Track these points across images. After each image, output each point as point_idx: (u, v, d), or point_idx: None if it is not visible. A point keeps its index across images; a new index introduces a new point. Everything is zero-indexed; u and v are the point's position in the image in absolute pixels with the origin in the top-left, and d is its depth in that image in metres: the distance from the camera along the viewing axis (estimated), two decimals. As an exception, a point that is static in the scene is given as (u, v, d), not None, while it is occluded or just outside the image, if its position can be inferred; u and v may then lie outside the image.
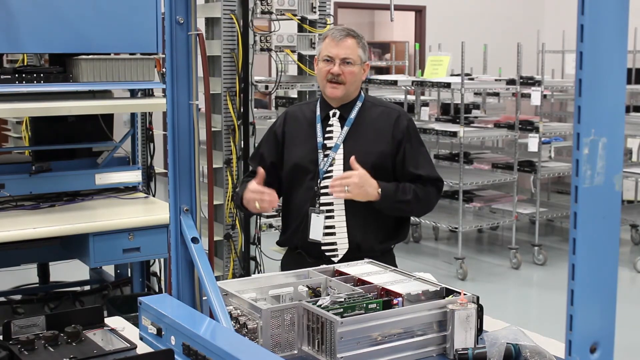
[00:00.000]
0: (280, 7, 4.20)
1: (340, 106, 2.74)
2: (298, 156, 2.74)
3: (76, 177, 3.90)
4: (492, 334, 1.78)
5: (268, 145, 2.82)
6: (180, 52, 1.87)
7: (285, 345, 1.81)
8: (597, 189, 1.04)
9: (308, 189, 2.70)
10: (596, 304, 1.07)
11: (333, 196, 2.64)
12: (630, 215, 7.36)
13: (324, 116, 2.75)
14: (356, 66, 2.68)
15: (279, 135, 2.80)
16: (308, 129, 2.76)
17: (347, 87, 2.68)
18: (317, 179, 2.69)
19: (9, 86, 3.46)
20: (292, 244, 2.79)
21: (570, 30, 9.10)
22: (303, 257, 2.70)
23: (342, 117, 2.73)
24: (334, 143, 2.70)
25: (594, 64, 1.02)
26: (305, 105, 2.90)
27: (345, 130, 2.71)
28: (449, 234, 7.60)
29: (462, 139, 6.26)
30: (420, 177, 2.68)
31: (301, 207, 2.71)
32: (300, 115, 2.82)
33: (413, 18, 10.82)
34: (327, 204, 2.67)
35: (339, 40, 2.66)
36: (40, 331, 1.86)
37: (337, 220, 2.67)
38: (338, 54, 2.65)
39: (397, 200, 2.62)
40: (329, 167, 2.68)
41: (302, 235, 2.70)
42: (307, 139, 2.74)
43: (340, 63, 2.65)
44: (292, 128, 2.80)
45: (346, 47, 2.66)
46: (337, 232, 2.67)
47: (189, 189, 1.92)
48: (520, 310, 5.71)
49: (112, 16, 3.64)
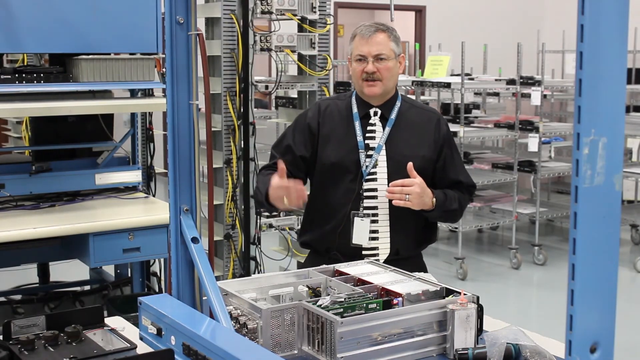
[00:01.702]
0: (280, 7, 4.20)
1: (380, 105, 2.66)
2: (337, 155, 2.63)
3: (76, 177, 3.90)
4: (492, 334, 1.78)
5: (300, 138, 2.67)
6: (180, 52, 1.87)
7: (285, 345, 1.81)
8: (597, 189, 1.04)
9: (348, 191, 2.61)
10: (596, 304, 1.07)
11: (377, 200, 2.58)
12: (630, 215, 7.36)
13: (362, 114, 2.65)
14: (391, 61, 2.60)
15: (314, 129, 2.66)
16: (345, 126, 2.65)
17: (384, 83, 2.60)
18: (359, 180, 2.61)
19: (9, 86, 3.46)
20: (323, 246, 2.69)
21: (570, 30, 9.10)
22: (339, 260, 2.51)
23: (382, 116, 2.65)
24: (376, 144, 2.62)
25: (594, 64, 1.02)
26: (338, 100, 2.76)
27: (387, 131, 2.63)
28: (449, 234, 7.60)
29: (462, 139, 6.26)
30: (460, 182, 2.66)
31: (339, 209, 2.62)
32: (335, 110, 2.69)
33: (413, 18, 10.82)
34: (371, 208, 2.60)
35: (368, 37, 2.58)
36: (40, 331, 1.85)
37: (381, 224, 2.61)
38: (370, 52, 2.57)
39: (445, 209, 2.59)
40: (372, 169, 2.60)
41: (340, 238, 2.61)
42: (345, 137, 2.64)
43: (374, 60, 2.57)
44: (329, 123, 2.67)
45: (377, 42, 2.58)
46: (380, 237, 2.61)
47: (189, 189, 1.92)
48: (520, 310, 5.71)
49: (112, 16, 3.63)
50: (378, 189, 2.60)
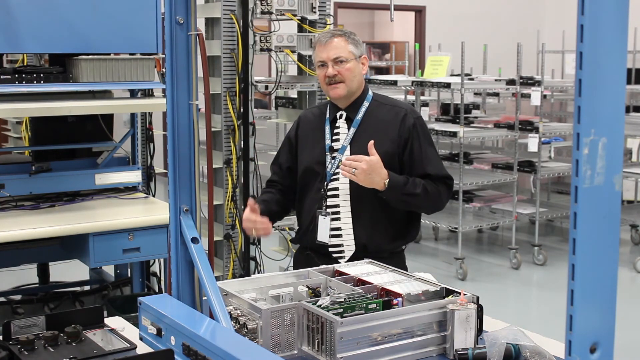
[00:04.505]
0: (280, 7, 4.19)
1: (347, 107, 2.74)
2: (308, 159, 2.77)
3: (76, 177, 3.90)
4: (492, 334, 1.78)
5: (284, 151, 2.87)
6: (180, 52, 1.87)
7: (285, 345, 1.81)
8: (597, 189, 1.04)
9: (317, 191, 2.73)
10: (596, 304, 1.07)
11: (339, 198, 2.67)
12: (630, 215, 7.36)
13: (332, 118, 2.77)
14: (351, 62, 2.68)
15: (292, 140, 2.85)
16: (318, 131, 2.78)
17: (347, 84, 2.68)
18: (324, 181, 2.71)
19: (9, 86, 3.46)
20: (303, 244, 2.84)
21: (570, 30, 9.09)
22: (312, 257, 2.72)
23: (348, 118, 2.74)
24: (340, 145, 2.71)
25: (594, 64, 1.02)
26: (316, 108, 2.94)
27: (352, 132, 2.71)
28: (449, 234, 7.60)
29: (462, 139, 6.26)
30: (428, 175, 2.68)
31: (310, 209, 2.74)
32: (311, 118, 2.85)
33: (413, 18, 10.82)
34: (334, 206, 2.69)
35: (325, 43, 2.69)
36: (40, 331, 1.86)
37: (343, 222, 2.68)
38: (328, 56, 2.67)
39: (405, 192, 2.60)
40: (336, 169, 2.68)
41: (311, 236, 2.73)
42: (317, 142, 2.77)
43: (333, 64, 2.67)
44: (304, 131, 2.84)
45: (334, 47, 2.68)
46: (343, 234, 2.69)
47: (189, 189, 1.92)
48: (520, 310, 5.71)
49: (112, 16, 3.63)
50: (339, 188, 2.69)
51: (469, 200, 6.78)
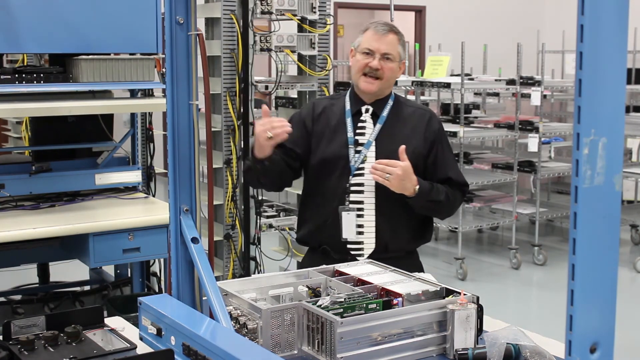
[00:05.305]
0: (280, 7, 4.19)
1: (372, 102, 2.69)
2: (327, 151, 2.66)
3: (76, 177, 3.90)
4: (492, 334, 1.78)
5: (295, 132, 2.59)
6: (180, 52, 1.87)
7: (285, 346, 1.81)
8: (597, 189, 1.04)
9: (337, 186, 2.64)
10: (596, 304, 1.07)
11: (364, 194, 2.61)
12: (630, 215, 7.36)
13: (354, 111, 2.69)
14: (395, 63, 2.64)
15: (308, 126, 2.70)
16: (337, 123, 2.69)
17: (382, 83, 2.64)
18: (347, 175, 2.63)
19: (9, 86, 3.46)
20: (315, 241, 2.73)
21: (570, 30, 9.09)
22: (327, 253, 2.64)
23: (374, 113, 2.68)
24: (366, 140, 2.65)
25: (594, 64, 1.02)
26: (332, 99, 2.82)
27: (377, 128, 2.66)
28: (448, 234, 7.60)
29: (462, 139, 6.26)
30: (449, 179, 2.67)
31: (328, 204, 2.65)
32: (329, 109, 2.74)
33: (413, 18, 10.82)
34: (357, 202, 2.62)
35: (382, 35, 2.62)
36: (40, 331, 1.85)
37: (366, 219, 2.62)
38: (379, 48, 2.61)
39: (429, 199, 2.58)
40: (361, 164, 2.62)
41: (329, 232, 2.64)
42: (336, 134, 2.68)
43: (381, 58, 2.61)
44: (322, 121, 2.71)
45: (388, 42, 2.62)
46: (365, 232, 2.62)
47: (189, 189, 1.92)
48: (520, 310, 5.71)
49: (112, 16, 3.63)
50: (365, 184, 2.63)
51: (469, 200, 6.77)
